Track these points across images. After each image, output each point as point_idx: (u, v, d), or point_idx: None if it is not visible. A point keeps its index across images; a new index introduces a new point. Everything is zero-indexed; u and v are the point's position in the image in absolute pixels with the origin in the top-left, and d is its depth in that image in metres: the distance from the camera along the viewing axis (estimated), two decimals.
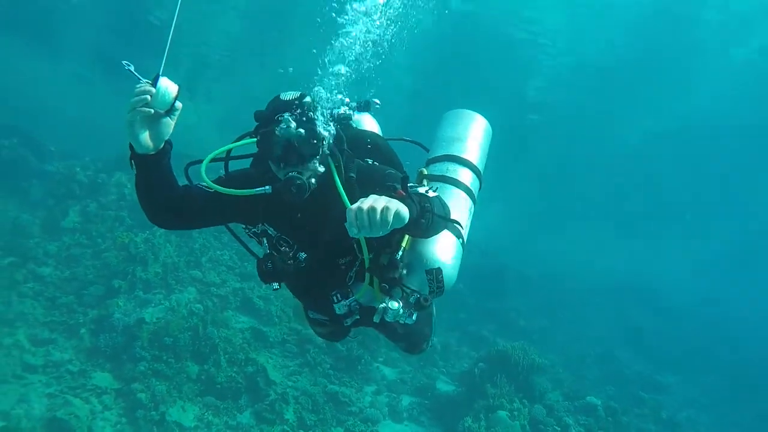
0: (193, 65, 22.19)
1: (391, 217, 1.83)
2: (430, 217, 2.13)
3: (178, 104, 2.02)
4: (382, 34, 2.71)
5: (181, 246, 11.88)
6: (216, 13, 17.26)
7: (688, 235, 40.61)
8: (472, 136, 2.98)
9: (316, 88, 2.33)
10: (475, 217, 2.85)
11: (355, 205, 1.85)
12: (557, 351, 15.86)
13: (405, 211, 1.91)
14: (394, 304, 2.31)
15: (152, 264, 10.62)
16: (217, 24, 18.26)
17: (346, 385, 10.15)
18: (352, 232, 1.85)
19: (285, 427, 8.52)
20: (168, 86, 1.97)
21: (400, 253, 2.34)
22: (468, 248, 2.68)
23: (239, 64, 22.06)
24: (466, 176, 2.81)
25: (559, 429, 9.97)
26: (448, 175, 2.79)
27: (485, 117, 3.10)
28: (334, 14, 2.79)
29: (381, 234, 1.86)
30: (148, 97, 1.91)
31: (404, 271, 2.34)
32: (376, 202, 1.84)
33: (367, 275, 2.38)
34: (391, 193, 1.95)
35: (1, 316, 8.89)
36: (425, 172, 2.82)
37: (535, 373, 10.83)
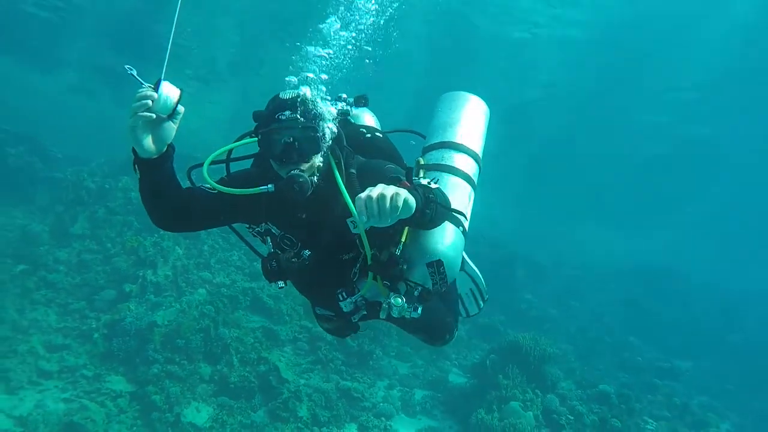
0: (198, 69, 22.26)
1: (401, 203, 1.83)
2: (434, 208, 2.13)
3: (180, 108, 2.03)
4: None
5: (190, 248, 11.96)
6: (216, 18, 17.30)
7: (699, 221, 40.40)
8: (469, 119, 2.89)
9: (303, 88, 2.33)
10: (483, 208, 2.81)
11: (363, 194, 1.83)
12: (569, 340, 15.85)
13: (412, 200, 1.91)
14: (398, 301, 2.31)
15: (162, 267, 10.70)
16: (218, 29, 18.29)
17: (358, 380, 10.19)
18: (361, 220, 1.84)
19: (299, 424, 8.56)
20: (170, 91, 1.98)
21: (400, 248, 2.33)
22: (476, 239, 2.65)
23: (241, 67, 22.11)
24: (463, 163, 2.74)
25: (572, 418, 9.96)
26: (445, 163, 2.72)
27: (483, 99, 3.00)
28: None
29: (389, 223, 1.86)
30: (150, 101, 1.92)
31: (404, 267, 2.33)
32: (385, 190, 1.83)
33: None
34: (396, 183, 1.95)
35: (15, 324, 8.99)
36: (422, 162, 2.75)
37: (547, 363, 10.81)
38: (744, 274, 37.63)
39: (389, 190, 1.83)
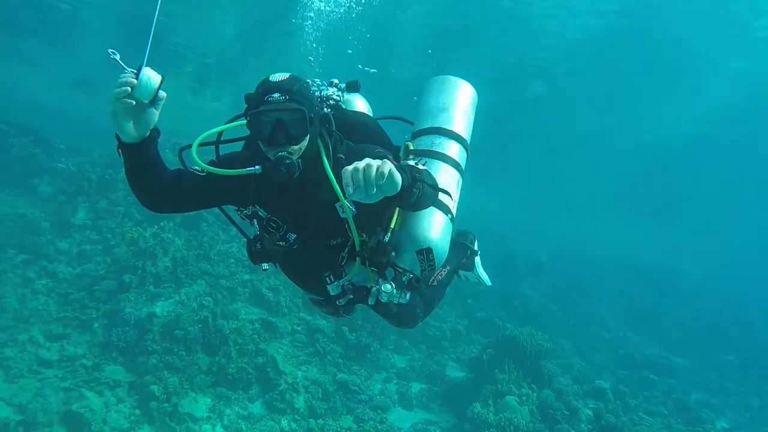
0: (198, 65, 22.20)
1: (387, 171, 1.83)
2: (421, 187, 2.13)
3: (162, 94, 2.05)
4: None
5: (189, 240, 11.99)
6: (211, 17, 17.21)
7: (701, 219, 40.33)
8: (458, 105, 2.90)
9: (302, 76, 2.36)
10: (483, 203, 2.83)
11: (350, 166, 1.85)
12: (567, 335, 15.89)
13: (398, 175, 1.91)
14: (388, 287, 2.35)
15: (161, 258, 10.73)
16: (215, 26, 18.21)
17: (355, 373, 10.25)
18: (348, 192, 1.85)
19: (295, 415, 8.64)
20: (151, 76, 2.00)
21: (389, 235, 2.36)
22: (481, 234, 2.66)
23: (239, 62, 22.00)
24: (453, 149, 2.76)
25: (567, 413, 10.00)
26: (434, 149, 2.73)
27: (475, 86, 3.01)
28: None
29: (375, 198, 1.86)
30: (129, 88, 1.93)
31: (393, 254, 2.36)
32: (372, 161, 1.85)
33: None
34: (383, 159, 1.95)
35: (16, 313, 9.04)
36: (411, 146, 2.73)
37: (544, 358, 10.86)
38: (744, 271, 37.59)
39: (375, 163, 1.85)
